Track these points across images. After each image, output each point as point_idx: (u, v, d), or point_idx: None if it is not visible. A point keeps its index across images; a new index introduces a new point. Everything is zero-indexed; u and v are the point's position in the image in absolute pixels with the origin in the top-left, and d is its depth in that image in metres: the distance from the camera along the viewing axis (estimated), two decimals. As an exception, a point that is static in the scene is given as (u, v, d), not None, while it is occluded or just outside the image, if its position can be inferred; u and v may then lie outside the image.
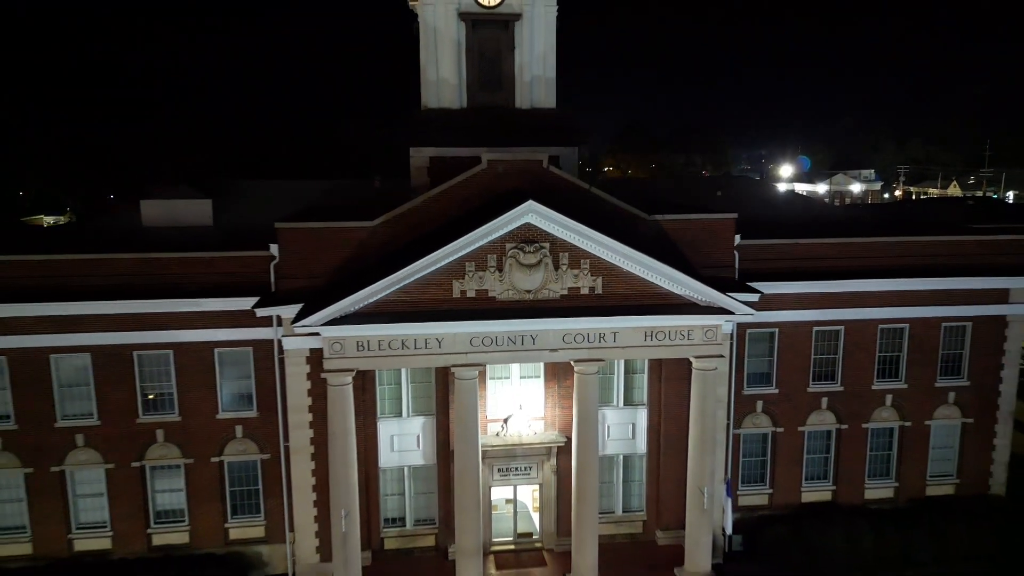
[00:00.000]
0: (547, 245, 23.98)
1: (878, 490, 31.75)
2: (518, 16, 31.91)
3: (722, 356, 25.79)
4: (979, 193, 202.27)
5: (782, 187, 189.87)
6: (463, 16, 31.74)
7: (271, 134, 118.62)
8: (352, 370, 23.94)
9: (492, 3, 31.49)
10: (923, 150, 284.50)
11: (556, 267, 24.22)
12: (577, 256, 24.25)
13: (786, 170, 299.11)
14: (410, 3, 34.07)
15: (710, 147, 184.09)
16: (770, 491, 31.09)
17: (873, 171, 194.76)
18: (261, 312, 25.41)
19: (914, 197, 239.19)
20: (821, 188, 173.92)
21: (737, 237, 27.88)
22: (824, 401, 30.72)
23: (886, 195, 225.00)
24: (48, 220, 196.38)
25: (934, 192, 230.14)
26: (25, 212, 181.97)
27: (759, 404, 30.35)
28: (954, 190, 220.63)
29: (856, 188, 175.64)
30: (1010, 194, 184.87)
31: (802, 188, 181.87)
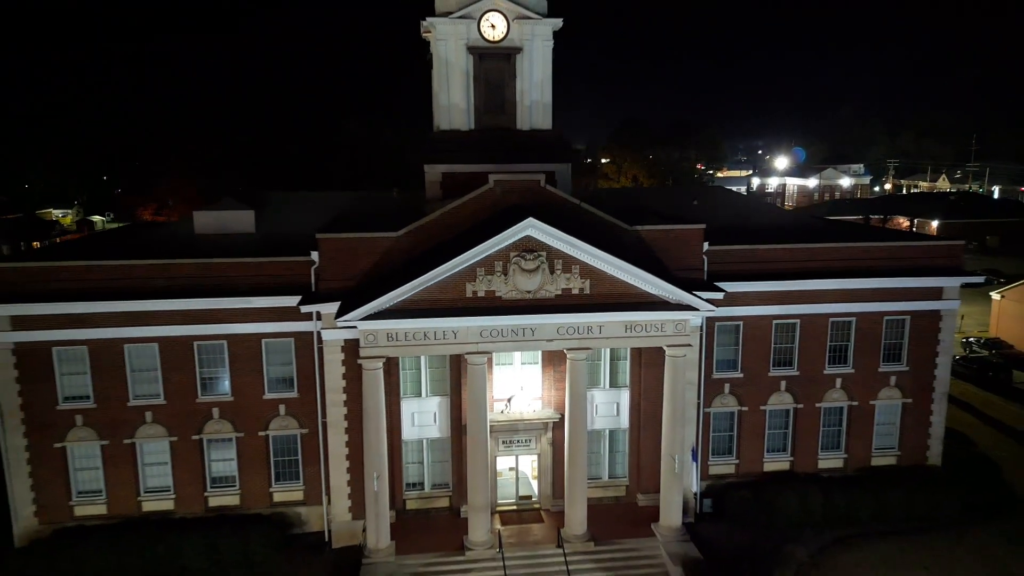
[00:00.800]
0: (544, 253, 28.83)
1: (830, 461, 36.72)
2: (519, 49, 36.59)
3: (690, 345, 30.72)
4: (967, 187, 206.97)
5: (774, 182, 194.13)
6: (471, 49, 36.42)
7: (299, 146, 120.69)
8: (383, 357, 28.85)
9: (496, 38, 36.17)
10: (915, 143, 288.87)
11: (552, 271, 29.06)
12: (569, 262, 29.10)
13: (781, 162, 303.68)
14: (423, 34, 38.80)
15: (705, 142, 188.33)
16: (736, 461, 36.04)
17: (862, 166, 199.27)
18: (305, 309, 30.26)
19: (905, 191, 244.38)
20: (812, 182, 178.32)
21: (706, 244, 32.73)
22: (783, 384, 35.64)
23: (876, 188, 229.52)
24: (56, 213, 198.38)
25: (924, 185, 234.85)
26: (34, 205, 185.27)
27: (726, 387, 35.28)
28: (943, 183, 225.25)
29: (846, 182, 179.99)
30: (996, 188, 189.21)
31: (793, 182, 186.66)
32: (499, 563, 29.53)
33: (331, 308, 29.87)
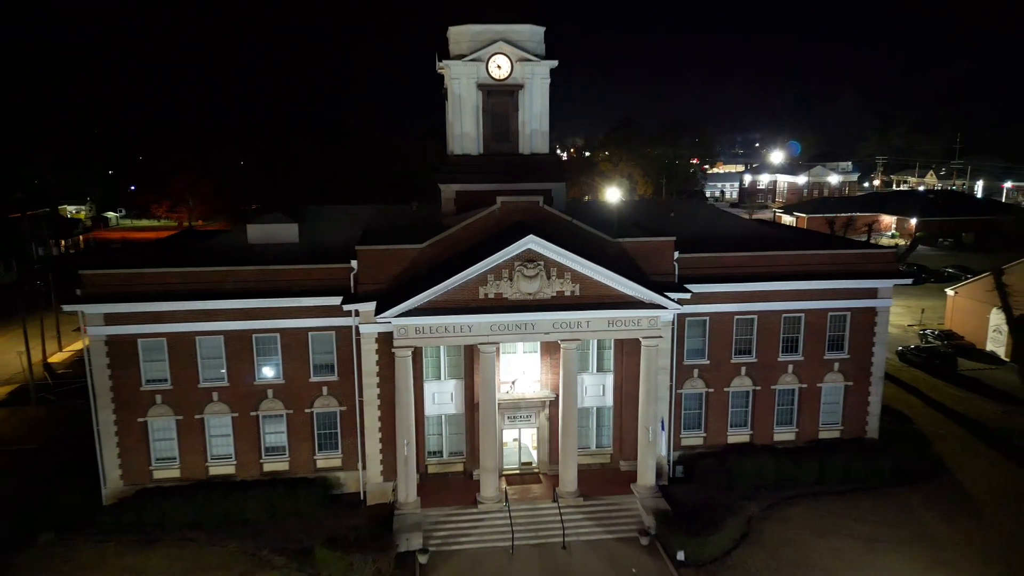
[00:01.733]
0: (542, 263, 35.43)
1: (784, 434, 43.47)
2: (521, 86, 43.03)
3: (661, 337, 37.38)
4: (955, 182, 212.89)
5: (765, 179, 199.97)
6: (480, 86, 42.85)
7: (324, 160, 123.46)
8: (412, 347, 35.50)
9: (502, 77, 42.62)
10: (905, 138, 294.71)
11: (548, 277, 35.68)
12: (562, 270, 35.70)
13: (777, 156, 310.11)
14: (438, 70, 45.26)
15: (699, 139, 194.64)
16: (704, 435, 42.78)
17: (850, 163, 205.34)
18: (347, 307, 36.91)
19: (895, 185, 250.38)
20: (801, 180, 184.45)
21: (676, 253, 39.34)
22: (743, 369, 42.33)
23: (866, 184, 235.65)
24: (71, 209, 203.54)
25: (913, 181, 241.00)
26: (44, 201, 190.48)
27: (695, 371, 41.96)
28: (931, 179, 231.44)
29: (834, 180, 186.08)
30: (980, 184, 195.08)
31: (784, 179, 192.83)
32: (505, 514, 36.28)
33: (368, 307, 36.51)
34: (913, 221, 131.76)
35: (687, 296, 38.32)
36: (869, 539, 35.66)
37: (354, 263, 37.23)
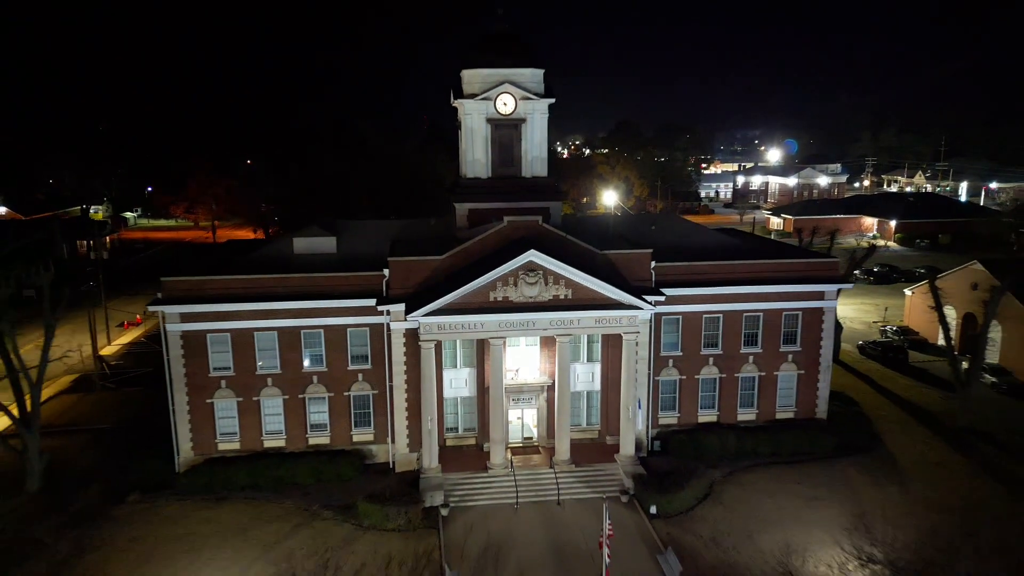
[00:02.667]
0: (541, 272, 43.24)
1: (746, 415, 51.32)
2: (524, 120, 50.78)
3: (639, 332, 45.22)
4: (940, 183, 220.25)
5: (758, 180, 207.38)
6: (489, 120, 50.59)
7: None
8: (435, 340, 43.37)
9: (508, 113, 50.37)
10: (897, 139, 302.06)
11: (546, 283, 43.49)
12: (558, 278, 43.52)
13: (774, 154, 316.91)
14: (453, 103, 52.99)
15: (694, 142, 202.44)
16: (678, 415, 50.61)
17: (839, 165, 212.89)
18: (380, 308, 44.77)
19: (886, 185, 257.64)
20: (792, 181, 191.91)
21: (653, 262, 47.15)
22: (711, 360, 50.17)
23: (856, 184, 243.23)
24: (90, 210, 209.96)
25: (903, 180, 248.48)
26: (62, 202, 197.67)
27: (670, 361, 49.79)
28: (920, 179, 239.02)
29: (823, 181, 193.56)
30: (964, 184, 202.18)
31: (776, 181, 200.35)
32: (511, 478, 44.21)
33: (397, 308, 44.39)
34: (893, 223, 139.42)
35: (662, 299, 46.18)
36: (809, 498, 43.54)
37: (386, 271, 45.07)
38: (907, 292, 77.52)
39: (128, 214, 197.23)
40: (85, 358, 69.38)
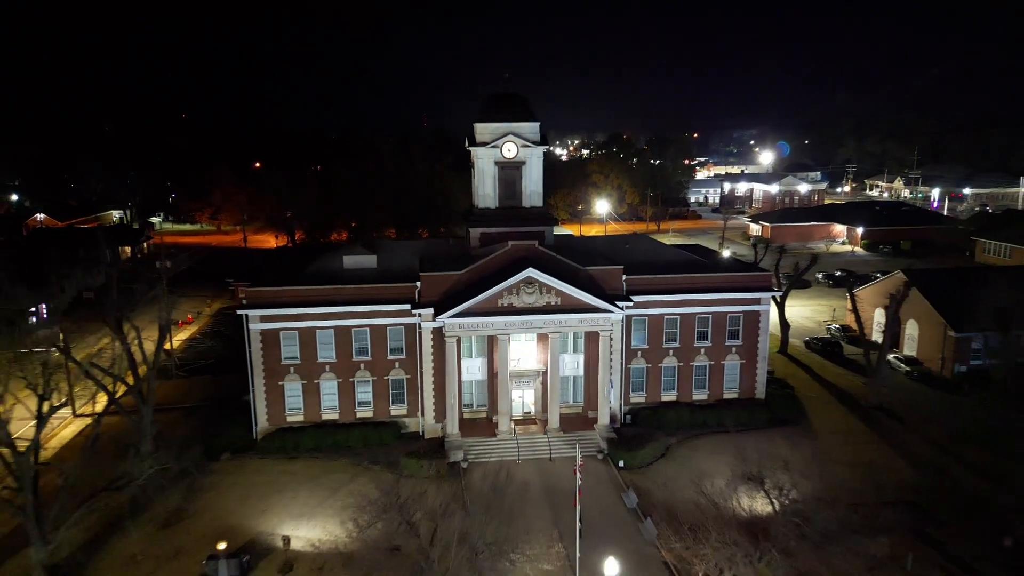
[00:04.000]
0: (537, 284, 56.85)
1: (699, 395, 64.95)
2: (523, 162, 64.34)
3: (612, 330, 58.90)
4: (916, 189, 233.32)
5: (743, 187, 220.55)
6: (496, 163, 64.12)
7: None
8: (456, 336, 57.06)
9: (511, 157, 63.91)
10: (880, 144, 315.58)
11: (541, 293, 57.09)
12: (550, 288, 57.14)
13: (767, 156, 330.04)
14: (467, 148, 66.56)
15: (682, 151, 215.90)
16: (645, 395, 64.20)
17: (819, 173, 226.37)
18: (414, 311, 58.43)
19: (868, 191, 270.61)
20: (774, 188, 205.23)
21: (624, 276, 60.75)
22: (671, 352, 63.76)
23: (838, 190, 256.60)
24: (115, 215, 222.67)
25: (884, 185, 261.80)
26: (93, 208, 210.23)
27: (639, 353, 63.36)
28: (898, 185, 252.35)
29: (803, 188, 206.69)
30: (936, 191, 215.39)
31: (759, 188, 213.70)
32: (514, 441, 57.89)
33: (427, 312, 58.02)
34: (860, 230, 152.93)
35: (631, 304, 59.83)
36: (740, 456, 57.04)
37: (418, 283, 58.72)
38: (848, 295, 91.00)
39: (155, 219, 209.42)
40: (149, 353, 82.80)
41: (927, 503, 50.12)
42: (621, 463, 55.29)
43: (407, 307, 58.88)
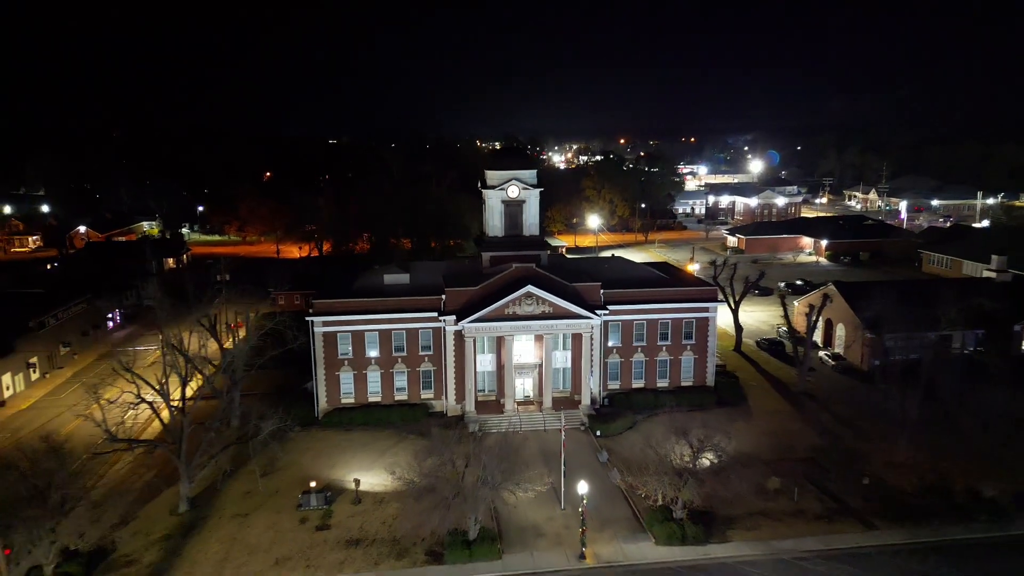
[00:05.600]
0: (535, 297, 74.75)
1: (662, 383, 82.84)
2: (524, 201, 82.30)
3: (593, 331, 76.85)
4: (887, 201, 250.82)
5: (725, 200, 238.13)
6: (503, 201, 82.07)
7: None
8: (473, 337, 75.01)
9: (514, 197, 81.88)
10: (860, 156, 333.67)
11: (537, 304, 74.98)
12: (544, 300, 75.04)
13: (756, 165, 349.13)
14: (479, 188, 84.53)
15: (669, 168, 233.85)
16: (619, 383, 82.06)
17: (796, 187, 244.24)
18: (440, 318, 76.39)
19: (846, 201, 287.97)
20: (753, 202, 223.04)
21: (602, 290, 78.67)
22: (639, 349, 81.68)
23: (817, 201, 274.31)
24: (145, 226, 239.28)
25: (861, 197, 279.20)
26: (126, 220, 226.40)
27: (615, 350, 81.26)
28: (873, 196, 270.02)
29: (781, 201, 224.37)
30: (904, 203, 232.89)
31: (740, 201, 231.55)
32: (517, 417, 75.86)
33: (450, 318, 75.95)
34: (824, 242, 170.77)
35: (607, 312, 77.77)
36: (688, 428, 74.91)
37: (443, 296, 76.64)
38: (795, 303, 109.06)
39: (184, 230, 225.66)
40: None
41: (820, 458, 68.01)
42: (598, 432, 73.22)
43: (434, 314, 76.79)
